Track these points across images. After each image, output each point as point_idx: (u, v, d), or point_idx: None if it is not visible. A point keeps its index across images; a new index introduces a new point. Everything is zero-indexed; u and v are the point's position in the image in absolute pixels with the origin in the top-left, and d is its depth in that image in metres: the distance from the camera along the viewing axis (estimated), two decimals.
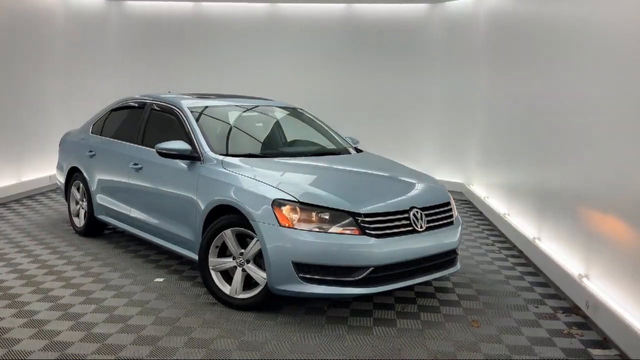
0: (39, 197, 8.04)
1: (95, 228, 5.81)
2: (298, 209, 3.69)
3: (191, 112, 4.79)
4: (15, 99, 7.93)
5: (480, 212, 7.52)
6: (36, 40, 8.38)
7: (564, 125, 4.74)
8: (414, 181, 4.46)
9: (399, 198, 4.02)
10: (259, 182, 3.92)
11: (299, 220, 3.67)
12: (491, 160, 7.48)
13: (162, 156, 4.45)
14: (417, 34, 9.33)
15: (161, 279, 4.61)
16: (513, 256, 5.49)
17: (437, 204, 4.12)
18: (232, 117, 5.24)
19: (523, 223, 5.74)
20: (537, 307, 4.15)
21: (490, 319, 3.91)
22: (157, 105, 5.19)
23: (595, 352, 3.43)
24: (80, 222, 5.94)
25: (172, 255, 5.23)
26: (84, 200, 5.83)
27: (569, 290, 4.23)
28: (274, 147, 5.25)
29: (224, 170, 4.20)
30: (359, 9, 9.42)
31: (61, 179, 6.22)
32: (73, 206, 6.06)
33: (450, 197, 4.39)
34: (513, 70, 6.41)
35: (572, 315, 4.01)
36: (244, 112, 5.39)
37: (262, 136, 5.27)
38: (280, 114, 5.57)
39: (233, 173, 4.12)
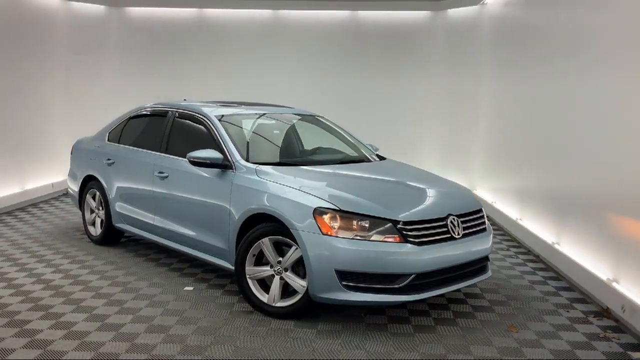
0: (43, 205, 7.94)
1: (112, 236, 5.77)
2: (338, 217, 3.72)
3: (219, 120, 4.79)
4: (17, 107, 7.83)
5: (488, 217, 7.60)
6: (38, 48, 8.29)
7: (584, 128, 4.83)
8: (446, 188, 4.52)
9: (436, 205, 4.08)
10: (298, 190, 3.94)
11: (339, 228, 3.70)
12: (499, 165, 7.58)
13: (194, 165, 4.45)
14: (420, 40, 9.46)
15: (190, 288, 4.59)
16: (531, 261, 5.58)
17: (471, 210, 4.18)
18: (257, 125, 5.26)
19: (539, 228, 5.83)
20: (568, 311, 4.23)
21: (526, 323, 3.97)
22: (181, 114, 5.17)
23: (636, 355, 3.51)
24: (96, 230, 5.88)
25: (195, 263, 5.21)
26: (101, 208, 5.78)
27: (598, 294, 4.31)
28: (300, 155, 5.28)
29: (258, 178, 4.21)
30: (362, 15, 9.51)
31: (75, 188, 6.15)
32: (88, 215, 6.00)
33: (481, 204, 4.46)
34: (524, 74, 6.51)
35: (603, 318, 4.09)
36: (267, 120, 5.41)
37: (288, 144, 5.28)
38: (301, 121, 5.59)
39: (269, 181, 4.13)
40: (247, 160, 4.43)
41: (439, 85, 9.37)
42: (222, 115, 4.91)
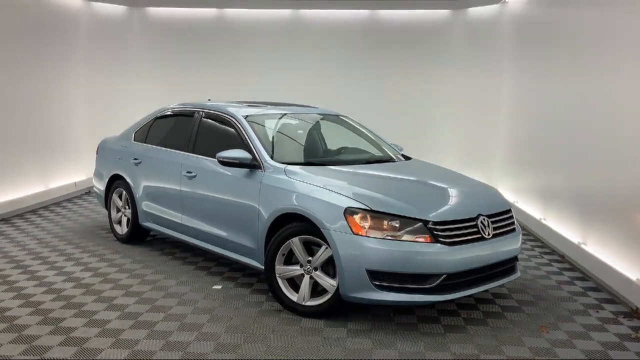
0: (67, 204, 8.03)
1: (138, 235, 5.83)
2: (369, 217, 3.74)
3: (247, 120, 4.82)
4: (40, 107, 7.92)
5: None
6: (60, 48, 8.39)
7: (611, 126, 4.80)
8: (474, 188, 4.52)
9: (466, 205, 4.08)
10: (328, 190, 3.96)
11: (370, 228, 3.72)
12: (521, 164, 7.55)
13: (223, 165, 4.48)
14: (440, 39, 9.45)
15: (219, 286, 4.63)
16: (556, 261, 5.56)
17: (501, 211, 4.18)
18: (283, 124, 5.28)
19: (563, 228, 5.81)
20: (597, 311, 4.22)
21: (556, 324, 3.97)
22: (208, 114, 5.21)
23: None
24: (122, 229, 5.95)
25: (221, 262, 5.25)
26: (127, 207, 5.84)
27: (628, 294, 4.30)
28: (327, 155, 5.30)
29: (287, 178, 4.23)
30: (382, 15, 9.51)
31: (100, 187, 6.22)
32: (114, 213, 6.06)
33: (510, 204, 4.46)
34: (548, 72, 6.47)
35: (633, 319, 4.07)
36: (293, 119, 5.44)
37: (313, 144, 5.30)
38: (326, 121, 5.61)
39: (298, 181, 4.16)
40: (276, 160, 4.46)
41: (459, 84, 9.35)
42: (249, 115, 4.95)
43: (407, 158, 5.30)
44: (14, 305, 4.10)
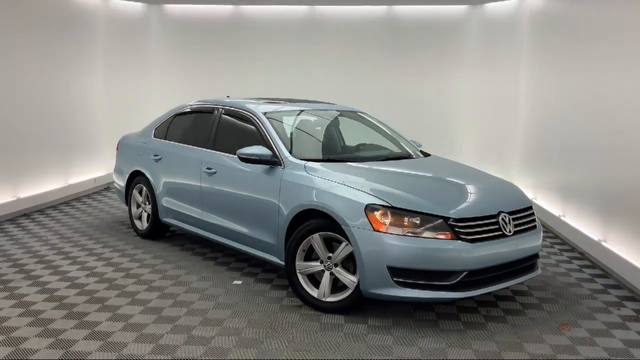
0: (86, 200, 8.13)
1: (158, 231, 5.88)
2: (389, 214, 3.75)
3: (266, 117, 4.85)
4: (61, 104, 8.01)
5: None
6: (80, 46, 8.47)
7: (632, 122, 4.75)
8: (495, 185, 4.52)
9: (486, 202, 4.08)
10: (349, 187, 3.97)
11: (390, 225, 3.73)
12: (539, 160, 7.50)
13: (243, 161, 4.52)
14: (457, 34, 9.41)
15: (239, 282, 4.67)
16: (576, 258, 5.53)
17: (522, 208, 4.17)
18: (302, 121, 5.30)
19: (583, 225, 5.77)
20: (618, 309, 4.20)
21: (577, 321, 3.95)
22: (227, 111, 5.25)
23: None
24: (142, 224, 6.01)
25: (240, 257, 5.29)
26: (147, 203, 5.90)
27: None
28: (346, 151, 5.31)
29: (307, 174, 4.26)
30: (399, 10, 9.48)
31: (121, 183, 6.29)
32: (134, 209, 6.13)
33: (531, 201, 4.44)
34: (570, 69, 6.41)
35: None
36: (312, 116, 5.46)
37: (333, 140, 5.32)
38: (344, 118, 5.62)
39: (318, 178, 4.18)
40: (296, 157, 4.48)
41: (476, 80, 9.31)
42: (268, 112, 4.97)
43: (426, 155, 5.30)
44: (38, 300, 4.17)
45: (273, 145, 4.57)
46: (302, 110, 5.42)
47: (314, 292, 4.08)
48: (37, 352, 3.34)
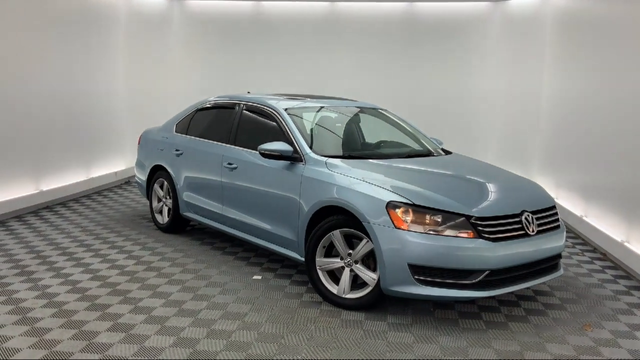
0: (107, 193, 8.21)
1: (179, 225, 5.93)
2: (411, 211, 3.73)
3: (287, 113, 4.85)
4: (82, 99, 8.08)
5: None
6: (102, 41, 8.54)
7: None
8: (518, 184, 4.47)
9: (509, 201, 4.04)
10: (370, 184, 3.96)
11: (412, 222, 3.71)
12: (561, 160, 7.41)
13: (264, 157, 4.53)
14: (479, 31, 9.33)
15: (259, 277, 4.69)
16: (598, 259, 5.46)
17: (545, 207, 4.13)
18: (324, 118, 5.30)
19: (606, 225, 5.70)
20: None
21: (600, 322, 3.91)
22: (248, 106, 5.26)
23: None
24: (163, 218, 6.06)
25: (259, 253, 5.31)
26: (168, 197, 5.95)
27: None
28: (367, 148, 5.29)
29: (329, 171, 4.25)
30: (420, 7, 9.43)
31: (142, 177, 6.34)
32: (155, 203, 6.18)
33: (554, 200, 4.39)
34: (596, 67, 6.31)
35: None
36: (333, 112, 5.45)
37: (353, 137, 5.31)
38: (365, 115, 5.61)
39: (339, 174, 4.17)
40: (317, 153, 4.47)
41: (497, 78, 9.23)
42: (289, 108, 4.97)
43: (447, 152, 5.27)
44: (61, 291, 4.23)
45: (294, 141, 4.57)
46: (322, 107, 5.42)
47: (333, 289, 4.08)
48: (61, 342, 3.39)
